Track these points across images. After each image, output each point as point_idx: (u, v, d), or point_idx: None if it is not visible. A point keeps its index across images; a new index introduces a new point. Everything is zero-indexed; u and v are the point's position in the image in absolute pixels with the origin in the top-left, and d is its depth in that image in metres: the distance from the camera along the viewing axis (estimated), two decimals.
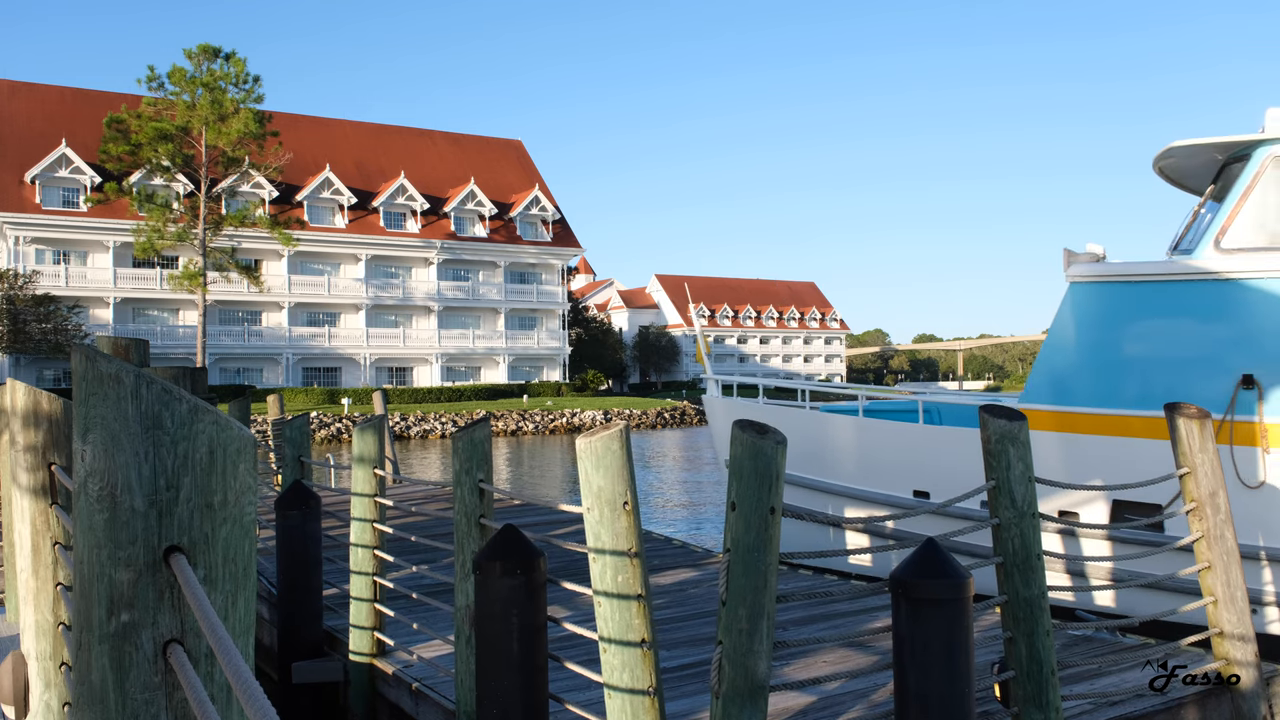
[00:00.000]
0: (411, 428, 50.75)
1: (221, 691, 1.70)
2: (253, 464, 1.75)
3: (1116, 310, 9.49)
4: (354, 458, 7.30)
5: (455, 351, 68.31)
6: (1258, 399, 8.59)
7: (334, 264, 65.71)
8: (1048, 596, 5.14)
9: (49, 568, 3.34)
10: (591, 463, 4.24)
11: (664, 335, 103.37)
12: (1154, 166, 10.53)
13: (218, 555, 1.70)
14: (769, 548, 4.00)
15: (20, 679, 3.53)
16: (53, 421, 3.33)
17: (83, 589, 1.70)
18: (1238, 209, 9.09)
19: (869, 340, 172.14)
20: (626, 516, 4.20)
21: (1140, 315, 9.39)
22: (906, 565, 4.13)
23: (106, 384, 1.66)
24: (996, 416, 5.16)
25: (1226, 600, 6.23)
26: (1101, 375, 9.46)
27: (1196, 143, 9.67)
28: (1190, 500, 6.32)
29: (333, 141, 68.59)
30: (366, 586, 7.20)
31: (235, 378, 60.24)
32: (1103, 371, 9.49)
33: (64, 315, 51.40)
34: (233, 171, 53.90)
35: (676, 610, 8.25)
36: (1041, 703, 4.99)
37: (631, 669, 4.21)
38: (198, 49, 49.70)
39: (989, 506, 5.24)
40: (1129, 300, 9.42)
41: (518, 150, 78.56)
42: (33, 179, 55.80)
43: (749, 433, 4.02)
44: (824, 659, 6.82)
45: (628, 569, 4.21)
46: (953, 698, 4.03)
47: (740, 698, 3.98)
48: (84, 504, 1.68)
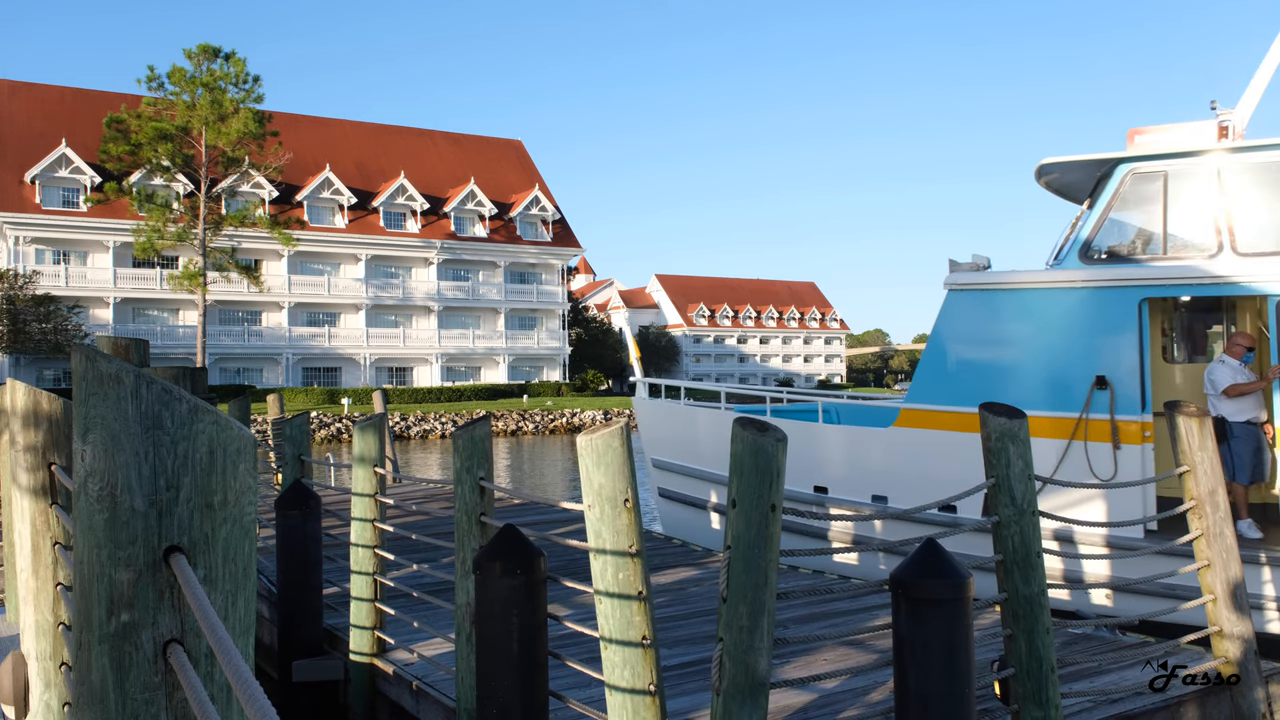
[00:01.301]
0: (411, 428, 50.75)
1: (221, 691, 1.70)
2: (253, 464, 1.75)
3: (985, 316, 10.21)
4: (354, 457, 7.31)
5: (455, 351, 68.31)
6: (1110, 399, 9.24)
7: (334, 264, 65.70)
8: (1047, 594, 5.14)
9: (49, 568, 3.35)
10: (592, 460, 4.25)
11: (664, 335, 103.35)
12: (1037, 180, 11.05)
13: (218, 555, 1.70)
14: (769, 545, 4.00)
15: (20, 679, 3.53)
16: (53, 421, 3.33)
17: (83, 589, 1.70)
18: (1100, 222, 9.80)
19: (869, 340, 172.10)
20: (627, 514, 4.21)
21: (1005, 321, 10.09)
22: (907, 565, 4.14)
23: (106, 384, 1.66)
24: (996, 415, 5.16)
25: (1226, 598, 6.23)
26: (972, 377, 10.16)
27: (1066, 160, 10.38)
28: (1190, 498, 6.32)
29: (333, 141, 68.57)
30: (367, 585, 7.21)
31: (235, 378, 60.24)
32: (973, 373, 10.19)
33: (64, 315, 51.40)
34: (233, 171, 53.89)
35: (677, 609, 8.26)
36: (1041, 700, 4.99)
37: (632, 666, 4.21)
38: (198, 49, 49.69)
39: (989, 505, 5.24)
40: (996, 307, 10.13)
41: (518, 150, 78.56)
42: (33, 179, 55.80)
43: (749, 430, 4.01)
44: (824, 657, 6.83)
45: (628, 567, 4.21)
46: (953, 697, 4.04)
47: (741, 695, 3.98)
48: (84, 504, 1.68)
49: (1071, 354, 9.54)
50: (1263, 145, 9.27)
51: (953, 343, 10.41)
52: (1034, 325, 9.89)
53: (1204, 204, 9.49)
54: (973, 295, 10.25)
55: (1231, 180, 9.28)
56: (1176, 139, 9.79)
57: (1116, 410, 9.21)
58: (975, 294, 10.23)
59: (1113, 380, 9.27)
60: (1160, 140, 9.84)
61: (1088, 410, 9.31)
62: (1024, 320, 9.96)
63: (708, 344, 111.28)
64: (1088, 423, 9.34)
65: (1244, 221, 9.28)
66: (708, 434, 12.58)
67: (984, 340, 10.25)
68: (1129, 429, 9.18)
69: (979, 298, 10.22)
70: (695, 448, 12.81)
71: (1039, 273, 9.98)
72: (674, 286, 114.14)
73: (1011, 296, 10.03)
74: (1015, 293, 10.00)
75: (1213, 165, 9.38)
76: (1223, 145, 9.38)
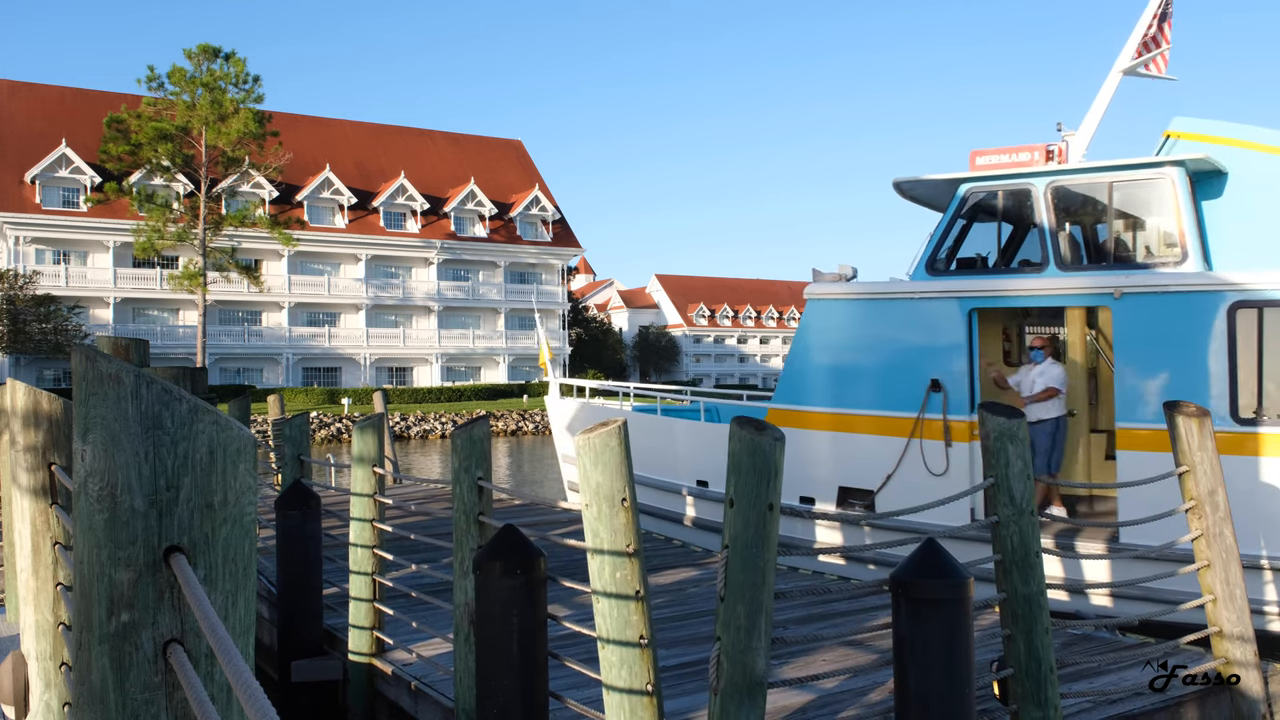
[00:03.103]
0: (411, 428, 50.75)
1: (221, 691, 1.71)
2: (253, 464, 1.75)
3: (839, 323, 11.14)
4: (354, 457, 7.31)
5: (455, 351, 68.29)
6: (943, 400, 10.14)
7: (334, 264, 65.67)
8: (1046, 594, 5.15)
9: (49, 568, 3.35)
10: (590, 459, 4.25)
11: (664, 335, 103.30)
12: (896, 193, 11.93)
13: (218, 555, 1.70)
14: (767, 544, 4.00)
15: (20, 679, 3.53)
16: (53, 421, 3.33)
17: (83, 589, 1.70)
18: (942, 238, 10.73)
19: None
20: (625, 513, 4.21)
21: (856, 328, 11.02)
22: (907, 566, 4.14)
23: (106, 384, 1.66)
24: (995, 414, 5.16)
25: (1226, 598, 6.23)
26: (828, 379, 11.10)
27: (917, 178, 11.28)
28: (1189, 498, 6.32)
29: (333, 141, 68.53)
30: (366, 586, 7.21)
31: (235, 378, 60.20)
32: (829, 376, 11.11)
33: (64, 315, 51.35)
34: (233, 171, 53.84)
35: (675, 610, 8.26)
36: (1040, 700, 4.99)
37: (630, 666, 4.21)
38: (198, 49, 49.65)
39: (987, 503, 5.25)
40: (849, 315, 11.09)
41: (518, 150, 78.53)
42: (33, 179, 55.78)
43: (747, 429, 4.02)
44: (823, 658, 6.83)
45: (626, 566, 4.21)
46: (953, 697, 4.04)
47: (738, 694, 3.98)
48: (84, 504, 1.69)
49: (911, 359, 10.47)
50: (1079, 169, 10.16)
51: (811, 348, 11.32)
52: (880, 332, 10.80)
53: (1031, 221, 10.44)
54: (828, 304, 11.20)
55: (1055, 200, 10.13)
56: (1010, 161, 10.73)
57: (949, 411, 10.09)
58: (830, 303, 11.18)
59: (945, 383, 10.15)
60: (996, 162, 10.80)
61: (924, 411, 10.21)
62: (872, 328, 10.88)
63: (708, 344, 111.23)
64: (924, 422, 10.21)
65: (1064, 238, 10.24)
66: (636, 437, 13.68)
67: (838, 346, 11.13)
68: (959, 428, 10.04)
69: (834, 306, 11.16)
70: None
71: (885, 284, 11.02)
72: (674, 286, 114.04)
73: (861, 306, 10.98)
74: (864, 302, 10.95)
75: (1039, 186, 10.19)
76: (1048, 168, 10.24)
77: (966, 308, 10.20)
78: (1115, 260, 10.10)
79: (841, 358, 11.06)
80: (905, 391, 10.37)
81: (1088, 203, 10.42)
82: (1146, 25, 11.38)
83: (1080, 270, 10.07)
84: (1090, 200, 10.35)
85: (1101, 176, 10.00)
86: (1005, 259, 10.99)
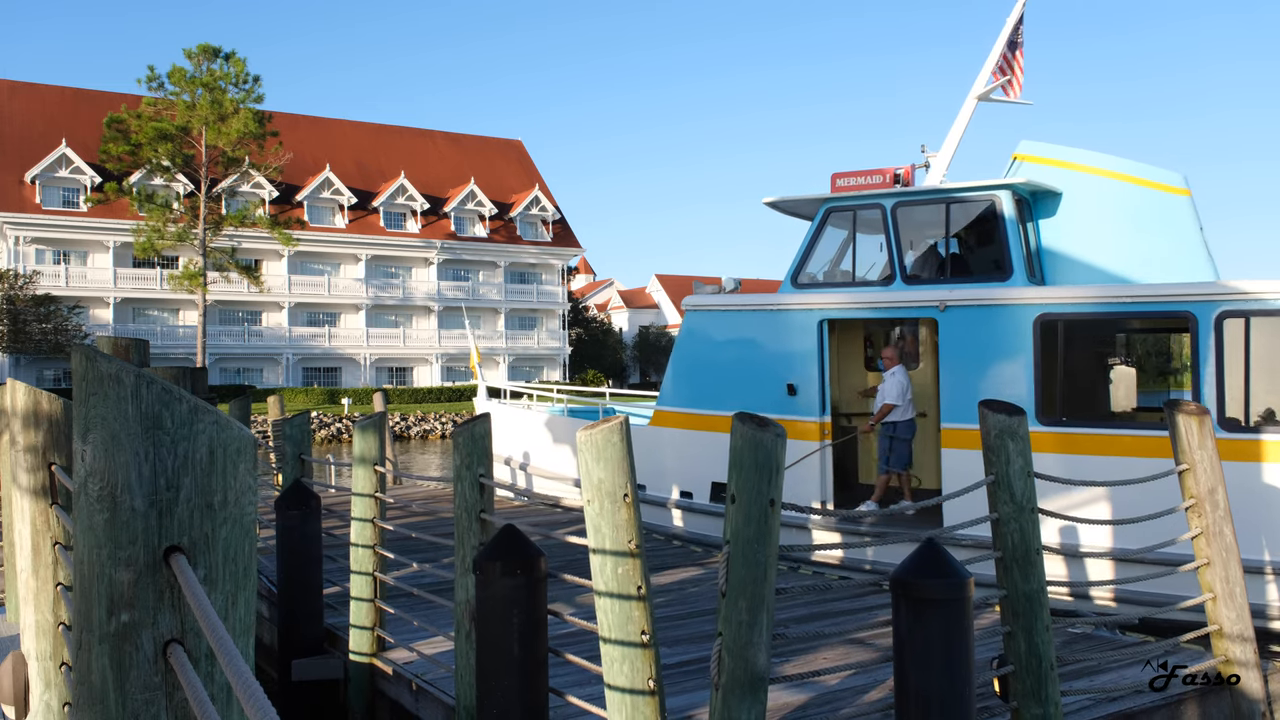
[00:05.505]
0: (411, 428, 50.75)
1: (221, 691, 1.71)
2: (253, 464, 1.75)
3: (712, 333, 12.09)
4: (354, 457, 7.31)
5: (455, 351, 68.27)
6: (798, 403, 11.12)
7: (334, 264, 65.64)
8: (1047, 591, 5.15)
9: (49, 568, 3.35)
10: (592, 455, 4.25)
11: (664, 335, 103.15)
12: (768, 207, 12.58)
13: (218, 555, 1.70)
14: (769, 540, 4.00)
15: (20, 679, 3.53)
16: (53, 421, 3.33)
17: (83, 589, 1.70)
18: (806, 253, 11.64)
19: None
20: (626, 509, 4.21)
21: (726, 336, 11.93)
22: (907, 565, 4.14)
23: (106, 384, 1.66)
24: (995, 412, 5.16)
25: (1225, 596, 6.23)
26: (702, 383, 12.03)
27: (785, 198, 12.03)
28: (1189, 496, 6.31)
29: (333, 141, 68.50)
30: (366, 585, 7.21)
31: (235, 378, 60.18)
32: (703, 380, 12.03)
33: (64, 315, 51.34)
34: (233, 171, 53.81)
35: (677, 608, 8.27)
36: (1040, 697, 4.99)
37: (631, 664, 4.21)
38: (198, 49, 49.62)
39: (989, 501, 5.25)
40: (720, 325, 12.04)
41: (518, 150, 78.50)
42: (33, 179, 55.76)
43: (749, 425, 4.01)
44: (824, 656, 6.83)
45: (627, 563, 4.21)
46: (953, 696, 4.04)
47: (740, 689, 3.98)
48: (84, 504, 1.69)
49: (772, 366, 11.41)
50: (920, 191, 11.10)
51: (688, 354, 12.29)
52: (746, 341, 11.73)
53: (880, 240, 11.33)
54: (703, 314, 12.17)
55: (900, 220, 11.10)
56: (863, 183, 11.62)
57: (799, 412, 11.07)
58: (704, 314, 12.15)
59: (799, 387, 11.11)
60: (852, 184, 11.66)
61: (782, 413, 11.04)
62: (739, 336, 11.82)
63: None
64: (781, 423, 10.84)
65: (911, 254, 11.39)
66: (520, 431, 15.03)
67: (711, 353, 12.07)
68: (809, 428, 11.04)
69: (707, 317, 12.12)
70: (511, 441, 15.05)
71: (750, 296, 12.01)
72: (674, 286, 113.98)
73: (730, 316, 11.94)
74: (733, 313, 11.91)
75: (887, 207, 11.12)
76: (894, 191, 11.17)
77: (818, 319, 11.11)
78: (951, 275, 11.03)
79: (713, 363, 12.00)
80: (767, 395, 11.25)
81: (928, 223, 11.41)
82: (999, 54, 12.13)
83: (919, 284, 10.94)
84: (930, 220, 11.33)
85: (939, 199, 11.04)
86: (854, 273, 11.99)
